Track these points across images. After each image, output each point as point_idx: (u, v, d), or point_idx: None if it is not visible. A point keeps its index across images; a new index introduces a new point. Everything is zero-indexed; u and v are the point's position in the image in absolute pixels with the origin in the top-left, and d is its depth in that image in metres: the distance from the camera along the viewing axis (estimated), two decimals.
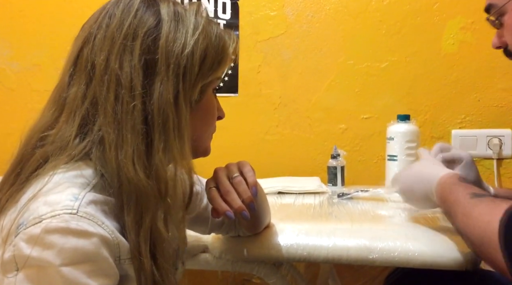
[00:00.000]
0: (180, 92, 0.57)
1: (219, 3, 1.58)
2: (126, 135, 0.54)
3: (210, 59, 0.60)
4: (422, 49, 1.47)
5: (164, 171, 0.55)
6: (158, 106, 0.55)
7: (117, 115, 0.54)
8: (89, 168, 0.55)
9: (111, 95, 0.55)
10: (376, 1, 1.49)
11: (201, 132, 0.64)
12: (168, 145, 0.55)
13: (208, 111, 0.64)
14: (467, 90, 1.45)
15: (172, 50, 0.57)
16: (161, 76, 0.56)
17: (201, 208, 0.82)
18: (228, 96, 1.59)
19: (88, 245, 0.49)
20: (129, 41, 0.56)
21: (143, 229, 0.53)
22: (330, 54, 1.52)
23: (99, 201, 0.52)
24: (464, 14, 1.44)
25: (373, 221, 0.95)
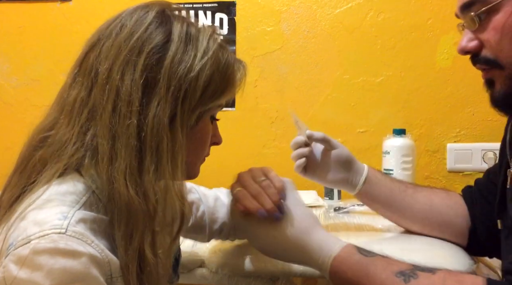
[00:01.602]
0: (178, 115, 0.55)
1: (216, 19, 1.60)
2: (120, 149, 0.53)
3: (214, 86, 0.58)
4: (417, 64, 1.49)
5: (153, 192, 0.54)
6: (152, 126, 0.54)
7: (113, 127, 0.54)
8: (81, 184, 0.54)
9: (109, 106, 0.54)
10: (371, 17, 1.51)
11: (192, 157, 0.62)
12: (160, 167, 0.54)
13: (202, 137, 0.62)
14: (461, 104, 1.46)
15: (176, 72, 0.55)
16: (160, 97, 0.54)
17: (197, 217, 0.82)
18: (226, 110, 1.60)
19: (77, 265, 0.48)
20: (134, 55, 0.55)
21: (132, 248, 0.52)
22: (326, 69, 1.54)
23: (89, 219, 0.52)
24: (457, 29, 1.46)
25: (369, 235, 0.95)
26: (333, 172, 0.90)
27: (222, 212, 0.85)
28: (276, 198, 0.68)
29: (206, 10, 1.60)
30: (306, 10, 1.55)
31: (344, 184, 0.91)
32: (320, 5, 1.54)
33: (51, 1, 1.64)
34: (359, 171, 0.91)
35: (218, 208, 0.85)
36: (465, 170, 1.47)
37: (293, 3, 1.55)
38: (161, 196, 0.54)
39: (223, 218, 0.85)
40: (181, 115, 0.56)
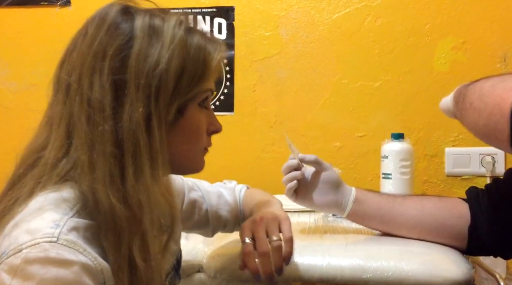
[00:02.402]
0: (152, 113, 0.53)
1: (215, 24, 1.61)
2: (97, 159, 0.52)
3: (189, 74, 0.56)
4: (415, 68, 1.49)
5: (137, 196, 0.52)
6: (127, 129, 0.52)
7: (89, 137, 0.52)
8: (74, 192, 0.53)
9: (82, 117, 0.53)
10: (369, 22, 1.52)
11: (187, 150, 0.60)
12: (140, 170, 0.52)
13: (192, 128, 0.59)
14: None
15: (143, 69, 0.53)
16: (131, 97, 0.52)
17: (200, 215, 0.81)
18: (224, 114, 1.60)
19: (69, 274, 0.47)
20: (99, 60, 0.53)
21: (121, 255, 0.51)
22: (325, 73, 1.55)
23: (82, 227, 0.51)
24: (455, 34, 1.47)
25: (368, 239, 0.95)
26: (323, 194, 0.91)
27: (225, 210, 0.84)
28: (279, 264, 0.67)
29: (204, 15, 1.60)
30: (304, 15, 1.55)
31: (333, 206, 0.93)
32: (318, 10, 1.55)
33: (50, 6, 1.65)
34: (347, 192, 0.92)
35: (221, 206, 0.84)
36: (463, 174, 1.47)
37: (291, 8, 1.56)
38: (145, 199, 0.52)
39: (226, 216, 0.85)
40: (156, 113, 0.53)
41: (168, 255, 0.67)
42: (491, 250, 0.88)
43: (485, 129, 0.67)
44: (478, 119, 0.69)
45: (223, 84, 1.61)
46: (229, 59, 1.60)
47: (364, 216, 0.93)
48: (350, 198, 0.91)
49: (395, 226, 0.92)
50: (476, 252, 0.91)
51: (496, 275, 0.98)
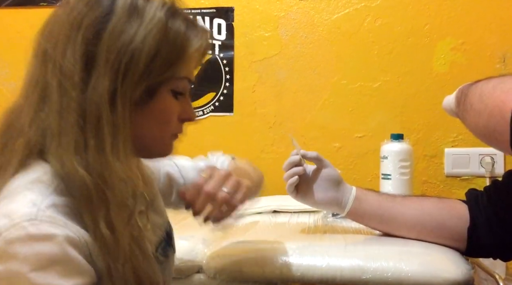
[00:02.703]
0: (118, 89, 0.53)
1: (215, 24, 1.61)
2: (65, 126, 0.53)
3: (163, 57, 0.55)
4: (414, 69, 1.49)
5: (99, 168, 0.52)
6: (91, 101, 0.52)
7: (59, 104, 0.53)
8: (48, 171, 0.53)
9: (54, 83, 0.54)
10: (368, 23, 1.52)
11: (155, 133, 0.60)
12: (101, 143, 0.53)
13: (161, 113, 0.59)
14: None
15: (115, 44, 0.53)
16: (99, 70, 0.53)
17: (178, 190, 0.81)
18: (224, 115, 1.60)
19: (52, 247, 0.47)
20: (74, 30, 0.54)
21: (94, 226, 0.51)
22: (324, 74, 1.55)
23: (60, 204, 0.51)
24: (454, 35, 1.47)
25: (367, 240, 0.95)
26: (323, 191, 0.92)
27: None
28: (214, 213, 0.66)
29: (204, 15, 1.60)
30: (304, 15, 1.56)
31: (334, 204, 0.93)
32: (318, 10, 1.55)
33: (49, 7, 1.65)
34: (347, 190, 0.93)
35: (197, 178, 0.83)
36: (463, 174, 1.47)
37: (291, 8, 1.56)
38: (105, 172, 0.52)
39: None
40: (122, 89, 0.53)
41: (155, 228, 0.68)
42: (490, 252, 0.88)
43: (485, 130, 0.67)
44: (478, 120, 0.69)
45: (223, 84, 1.61)
46: (228, 60, 1.61)
47: (363, 215, 0.93)
48: (350, 197, 0.92)
49: (395, 226, 0.92)
50: (475, 254, 0.91)
51: (496, 275, 0.98)
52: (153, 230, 0.68)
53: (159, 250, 0.68)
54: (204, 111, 1.63)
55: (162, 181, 0.81)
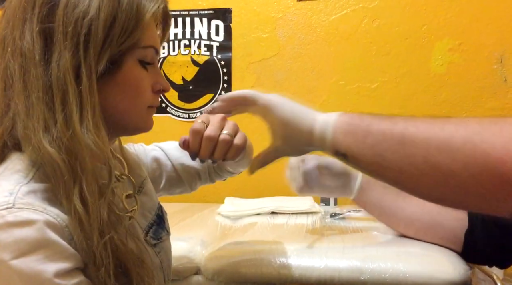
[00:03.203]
0: (81, 62, 0.53)
1: (212, 26, 1.61)
2: (32, 106, 0.53)
3: (120, 24, 0.55)
4: (412, 70, 1.49)
5: (67, 142, 0.52)
6: (56, 76, 0.52)
7: (24, 87, 0.53)
8: (25, 159, 0.53)
9: (16, 66, 0.54)
10: (366, 23, 1.52)
11: (126, 105, 0.59)
12: (69, 116, 0.52)
13: (129, 84, 0.58)
14: (456, 110, 1.47)
15: (71, 18, 0.53)
16: (59, 46, 0.53)
17: (168, 171, 0.82)
18: None
19: (32, 232, 0.47)
20: (29, 10, 0.54)
21: (68, 204, 0.51)
22: (322, 75, 1.55)
23: (39, 190, 0.51)
24: (451, 35, 1.47)
25: (365, 241, 0.95)
26: (329, 180, 0.91)
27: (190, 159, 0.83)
28: (219, 156, 0.64)
29: (202, 17, 1.60)
30: (302, 17, 1.56)
31: (341, 190, 0.93)
32: (315, 12, 1.55)
33: None
34: (353, 176, 0.93)
35: (184, 157, 0.83)
36: None
37: (289, 10, 1.56)
38: (74, 145, 0.52)
39: (193, 165, 0.83)
40: (86, 61, 0.53)
41: (145, 212, 0.69)
42: (486, 258, 0.88)
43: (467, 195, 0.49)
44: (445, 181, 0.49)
45: (221, 86, 1.61)
46: (226, 61, 1.61)
47: (365, 204, 0.94)
48: (357, 182, 0.92)
49: (394, 220, 0.93)
50: (472, 259, 0.91)
51: (494, 276, 0.98)
52: (142, 214, 0.68)
53: (150, 233, 0.68)
54: (202, 112, 1.63)
55: (151, 166, 0.81)
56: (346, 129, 0.58)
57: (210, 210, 1.33)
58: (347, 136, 0.58)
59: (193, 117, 1.65)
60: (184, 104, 1.64)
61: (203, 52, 1.62)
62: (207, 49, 1.62)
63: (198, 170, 0.84)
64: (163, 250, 0.70)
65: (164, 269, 0.69)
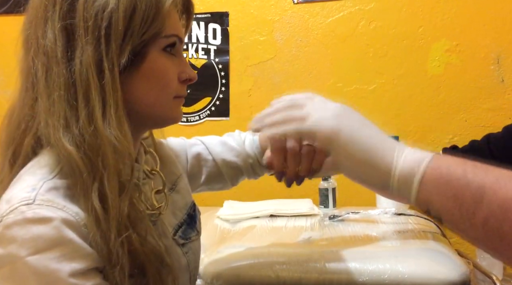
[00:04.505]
0: (103, 55, 0.53)
1: (210, 29, 1.61)
2: (54, 105, 0.53)
3: (140, 14, 0.54)
4: (409, 71, 1.50)
5: (89, 138, 0.52)
6: (79, 72, 0.52)
7: (46, 85, 0.53)
8: (52, 156, 0.53)
9: (39, 66, 0.54)
10: (363, 25, 1.52)
11: (153, 97, 0.58)
12: (91, 112, 0.52)
13: (155, 74, 0.58)
14: (454, 111, 1.47)
15: (91, 12, 0.53)
16: (81, 41, 0.53)
17: (209, 166, 0.80)
18: (220, 119, 1.60)
19: (49, 230, 0.47)
20: (50, 8, 0.54)
21: (88, 202, 0.50)
22: (319, 77, 1.55)
23: (62, 187, 0.51)
24: (448, 36, 1.48)
25: (364, 243, 0.95)
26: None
27: (232, 155, 0.81)
28: (307, 169, 0.62)
29: (199, 20, 1.61)
30: (299, 19, 1.56)
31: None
32: (312, 14, 1.55)
33: None
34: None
35: (226, 152, 0.81)
36: None
37: (286, 13, 1.57)
38: (96, 141, 0.52)
39: (236, 161, 0.81)
40: (108, 55, 0.53)
41: (175, 210, 0.68)
42: None
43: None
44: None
45: (219, 89, 1.61)
46: (224, 64, 1.61)
47: None
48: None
49: None
50: None
51: (493, 276, 0.98)
52: (173, 212, 0.68)
53: (179, 232, 0.67)
54: (200, 116, 1.63)
55: (190, 162, 0.80)
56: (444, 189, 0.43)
57: (209, 213, 1.33)
58: (447, 200, 0.43)
59: (191, 120, 1.65)
60: (182, 108, 1.63)
61: (201, 55, 1.62)
62: (204, 52, 1.62)
63: (240, 166, 0.81)
64: (191, 250, 0.69)
65: (191, 270, 0.69)
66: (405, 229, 1.05)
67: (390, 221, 1.12)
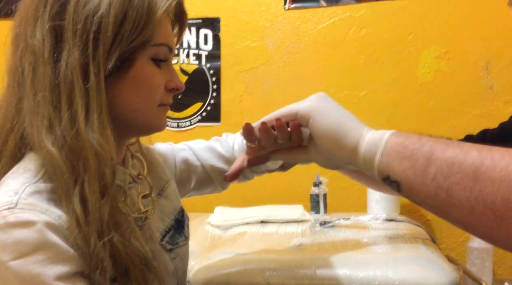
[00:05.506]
0: (90, 59, 0.53)
1: (201, 35, 1.61)
2: (38, 105, 0.52)
3: (131, 21, 0.54)
4: (400, 77, 1.51)
5: (70, 141, 0.51)
6: (64, 74, 0.52)
7: (32, 84, 0.53)
8: (36, 159, 0.53)
9: (26, 64, 0.54)
10: (354, 32, 1.53)
11: (138, 103, 0.58)
12: (74, 115, 0.52)
13: (141, 82, 0.57)
14: (444, 117, 1.48)
15: (81, 15, 0.53)
16: (68, 43, 0.53)
17: (198, 172, 0.79)
18: (211, 125, 1.60)
19: (32, 234, 0.47)
20: (41, 8, 0.54)
21: (69, 205, 0.50)
22: (311, 83, 1.55)
23: (45, 190, 0.51)
24: (438, 43, 1.49)
25: (354, 249, 0.95)
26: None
27: (221, 161, 0.81)
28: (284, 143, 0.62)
29: (190, 26, 1.61)
30: (290, 25, 1.57)
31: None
32: (303, 20, 1.56)
33: None
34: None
35: (214, 158, 0.81)
36: None
37: (277, 19, 1.57)
38: (78, 144, 0.52)
39: (223, 167, 0.81)
40: (95, 59, 0.53)
41: (163, 215, 0.68)
42: None
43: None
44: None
45: (210, 94, 1.61)
46: (215, 70, 1.61)
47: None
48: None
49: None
50: None
51: (483, 282, 0.98)
52: (160, 218, 0.67)
53: (166, 237, 0.67)
54: (191, 121, 1.63)
55: (179, 167, 0.79)
56: (402, 152, 0.49)
57: (200, 219, 1.32)
58: (403, 161, 0.49)
59: (182, 126, 1.64)
60: (173, 113, 1.63)
61: (192, 61, 1.62)
62: (195, 58, 1.62)
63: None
64: (179, 256, 0.69)
65: (179, 276, 0.68)
66: (396, 235, 1.05)
67: (380, 227, 1.12)
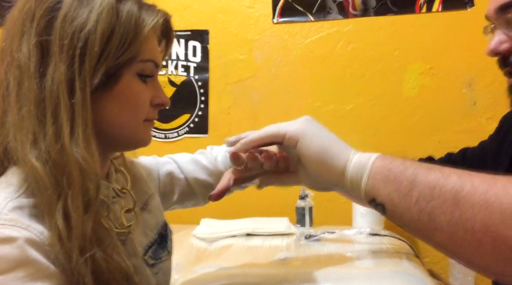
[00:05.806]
0: (76, 74, 0.53)
1: (190, 47, 1.62)
2: (23, 119, 0.52)
3: (118, 38, 0.55)
4: (385, 92, 1.53)
5: (55, 156, 0.51)
6: (49, 89, 0.52)
7: (17, 99, 0.53)
8: (19, 174, 0.53)
9: (11, 78, 0.54)
10: (341, 47, 1.56)
11: (124, 119, 0.58)
12: (59, 130, 0.52)
13: (127, 97, 0.58)
14: (428, 132, 1.51)
15: (68, 31, 0.53)
16: (54, 58, 0.53)
17: (182, 185, 0.80)
18: (198, 136, 1.60)
19: (13, 250, 0.46)
20: (28, 23, 0.54)
21: (50, 220, 0.50)
22: (298, 96, 1.57)
23: (28, 206, 0.50)
24: (423, 60, 1.52)
25: (339, 263, 0.96)
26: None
27: (204, 174, 0.82)
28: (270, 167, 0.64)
29: (179, 38, 1.62)
30: (278, 39, 1.58)
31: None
32: (292, 34, 1.58)
33: None
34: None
35: (198, 171, 0.81)
36: None
37: (265, 32, 1.59)
38: (62, 159, 0.51)
39: (208, 179, 0.82)
40: (80, 75, 0.53)
41: (146, 230, 0.67)
42: None
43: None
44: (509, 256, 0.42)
45: (198, 106, 1.62)
46: (203, 82, 1.61)
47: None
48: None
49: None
50: None
51: None
52: (144, 232, 0.67)
53: (149, 252, 0.67)
54: (179, 132, 1.63)
55: (162, 180, 0.79)
56: (387, 175, 0.51)
57: (185, 232, 1.32)
58: (388, 185, 0.50)
59: (169, 137, 1.64)
60: (161, 124, 1.63)
61: (180, 72, 1.62)
62: (184, 69, 1.62)
63: (213, 184, 0.81)
64: (162, 271, 0.69)
65: None
66: (380, 249, 1.06)
67: (365, 241, 1.13)
